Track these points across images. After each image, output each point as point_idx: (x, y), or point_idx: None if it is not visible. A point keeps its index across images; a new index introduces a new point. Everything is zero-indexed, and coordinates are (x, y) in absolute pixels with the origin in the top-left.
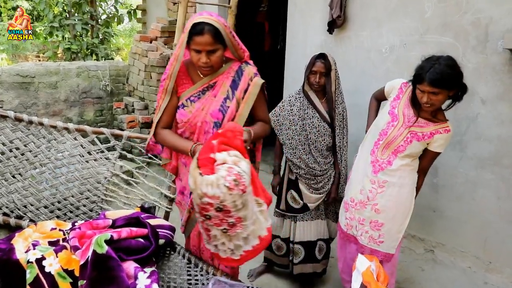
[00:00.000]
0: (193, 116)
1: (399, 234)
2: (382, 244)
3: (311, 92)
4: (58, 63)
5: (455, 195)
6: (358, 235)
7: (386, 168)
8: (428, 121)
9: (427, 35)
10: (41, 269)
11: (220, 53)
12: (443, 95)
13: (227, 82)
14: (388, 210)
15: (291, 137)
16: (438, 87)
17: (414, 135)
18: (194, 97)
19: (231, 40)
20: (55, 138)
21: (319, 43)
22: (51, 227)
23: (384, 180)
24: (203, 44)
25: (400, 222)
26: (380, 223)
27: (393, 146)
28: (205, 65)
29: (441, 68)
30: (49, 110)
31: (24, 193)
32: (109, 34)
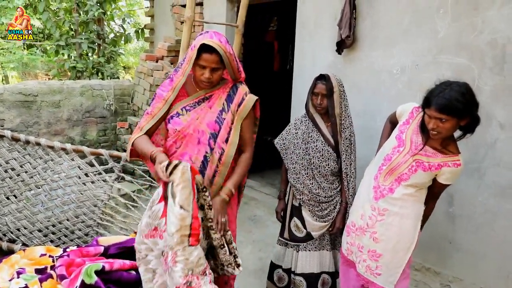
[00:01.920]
0: (187, 125)
1: (398, 269)
2: (379, 277)
3: (317, 115)
4: (62, 81)
5: (473, 225)
6: (357, 262)
7: (387, 195)
8: (437, 152)
9: (441, 56)
10: None
11: (221, 72)
12: (451, 124)
13: (223, 96)
14: (387, 240)
15: (295, 161)
16: (446, 113)
17: (420, 164)
18: (190, 107)
19: (231, 64)
20: (52, 159)
21: (328, 64)
22: (41, 253)
23: (384, 208)
24: (210, 61)
25: (401, 255)
26: (378, 253)
27: (396, 173)
28: (207, 80)
29: (451, 94)
30: (51, 129)
31: (18, 215)
32: (115, 53)
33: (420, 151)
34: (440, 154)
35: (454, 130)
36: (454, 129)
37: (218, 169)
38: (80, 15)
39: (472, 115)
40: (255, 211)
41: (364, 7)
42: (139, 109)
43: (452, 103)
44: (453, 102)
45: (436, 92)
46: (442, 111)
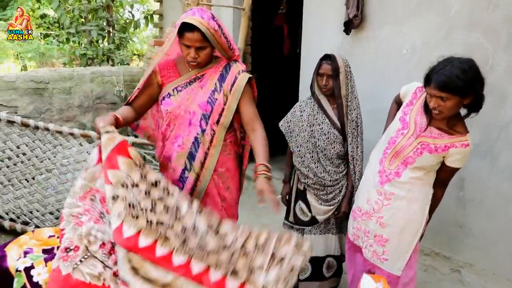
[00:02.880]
0: (177, 105)
1: (405, 254)
2: (386, 262)
3: (322, 97)
4: (72, 68)
5: (485, 210)
6: (363, 247)
7: (394, 179)
8: (443, 132)
9: (453, 34)
10: (29, 279)
11: (209, 50)
12: (452, 102)
13: (215, 76)
14: (394, 225)
15: (300, 144)
16: (446, 91)
17: (426, 147)
18: (181, 87)
19: (218, 42)
20: (60, 144)
21: (336, 45)
22: (49, 234)
23: (391, 192)
24: (192, 40)
25: (408, 241)
26: (384, 238)
27: (401, 156)
28: (193, 60)
29: (451, 71)
30: (63, 116)
31: (30, 199)
32: (125, 39)
33: (424, 132)
34: (446, 135)
35: (457, 109)
36: (457, 108)
37: (209, 152)
38: (90, 2)
39: (475, 92)
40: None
41: None
42: None
43: (452, 80)
44: (453, 79)
45: (437, 69)
46: (442, 89)
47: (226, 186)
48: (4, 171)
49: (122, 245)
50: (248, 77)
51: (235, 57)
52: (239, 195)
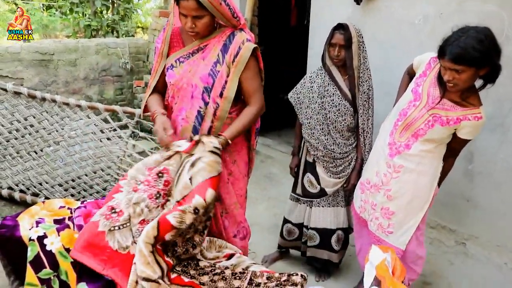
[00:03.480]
0: (179, 77)
1: (411, 228)
2: (390, 235)
3: (333, 68)
4: (77, 40)
5: (493, 183)
6: (369, 220)
7: (404, 152)
8: (455, 105)
9: (467, 3)
10: (42, 247)
11: (207, 19)
12: (467, 74)
13: (218, 46)
14: (401, 197)
15: (310, 116)
16: (460, 63)
17: (438, 119)
18: (183, 58)
19: (218, 10)
20: (68, 116)
21: (346, 16)
22: (60, 205)
23: (400, 164)
24: (187, 9)
25: (414, 214)
26: (391, 211)
27: (412, 128)
28: (190, 29)
29: (466, 42)
30: (69, 88)
31: (39, 170)
32: (130, 10)
33: (437, 104)
34: (459, 107)
35: (472, 81)
36: (472, 80)
37: (213, 125)
38: None
39: (492, 63)
40: (271, 169)
41: None
42: None
43: (468, 52)
44: (469, 50)
45: (451, 40)
46: (457, 61)
47: (233, 159)
48: (13, 142)
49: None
50: (253, 47)
51: (240, 26)
52: (247, 169)
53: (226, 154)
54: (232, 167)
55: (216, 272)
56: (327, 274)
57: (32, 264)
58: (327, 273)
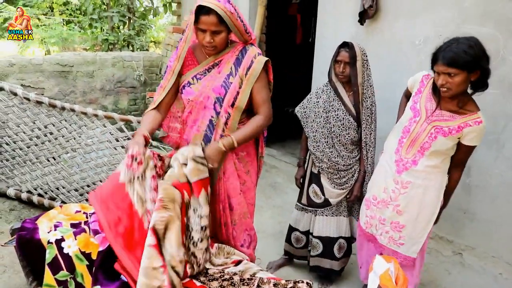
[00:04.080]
0: (199, 93)
1: (421, 239)
2: (402, 246)
3: (339, 84)
4: (95, 53)
5: (489, 196)
6: (378, 234)
7: (411, 168)
8: (454, 114)
9: (465, 25)
10: (60, 250)
11: (224, 35)
12: (460, 78)
13: (231, 60)
14: (410, 212)
15: (315, 129)
16: (453, 66)
17: (439, 130)
18: (200, 75)
19: (235, 25)
20: (85, 124)
21: (350, 35)
22: (76, 209)
23: (407, 181)
24: (208, 24)
25: (423, 226)
26: (401, 225)
27: (418, 144)
28: (209, 44)
29: (458, 47)
30: (86, 98)
31: (57, 176)
32: (145, 26)
33: (436, 116)
34: (458, 115)
35: (465, 85)
36: (464, 85)
37: (224, 134)
38: None
39: (482, 67)
40: (276, 178)
41: None
42: None
43: (459, 55)
44: (460, 54)
45: (444, 47)
46: (450, 64)
47: (246, 170)
48: (33, 149)
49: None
50: (265, 60)
51: (251, 41)
52: (257, 179)
53: (241, 164)
54: (245, 177)
55: (225, 278)
56: (329, 282)
57: (50, 266)
58: (329, 281)
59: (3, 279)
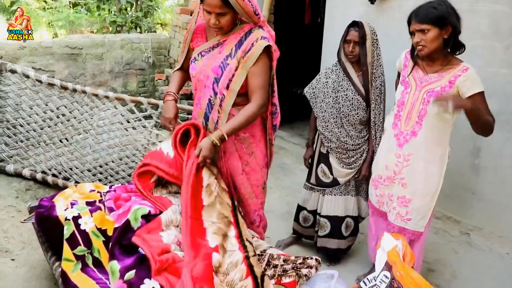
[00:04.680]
0: (200, 71)
1: (428, 212)
2: (409, 222)
3: (348, 64)
4: (104, 35)
5: (498, 177)
6: (388, 211)
7: (411, 139)
8: (440, 73)
9: (479, 3)
10: (77, 227)
11: (230, 16)
12: (432, 34)
13: (234, 41)
14: (415, 184)
15: (324, 110)
16: (425, 22)
17: (432, 93)
18: (205, 52)
19: (241, 6)
20: (97, 106)
21: (360, 14)
22: (90, 188)
23: (409, 152)
24: (212, 6)
25: (428, 199)
26: (407, 199)
27: (415, 113)
28: (214, 26)
29: (428, 5)
30: (95, 81)
31: (70, 156)
32: (152, 7)
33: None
34: (444, 73)
35: (438, 42)
36: (438, 41)
37: (220, 115)
38: None
39: (452, 24)
40: (284, 159)
41: None
42: (175, 61)
43: (429, 11)
44: (430, 10)
45: (417, 8)
46: (422, 21)
47: (250, 151)
48: (47, 130)
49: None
50: (265, 45)
51: (260, 23)
52: (266, 161)
53: (243, 145)
54: (248, 158)
55: None
56: (337, 260)
57: (68, 241)
58: (337, 260)
59: (23, 255)
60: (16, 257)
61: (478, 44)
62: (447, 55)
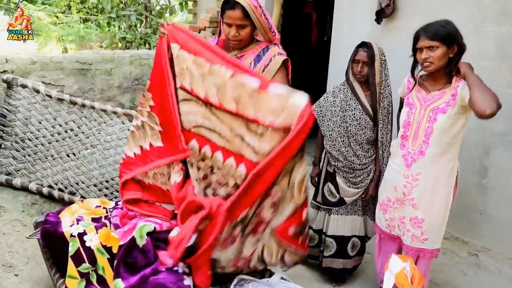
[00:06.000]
0: None
1: (442, 228)
2: (426, 242)
3: (356, 83)
4: (113, 51)
5: (507, 197)
6: (401, 234)
7: (419, 159)
8: (442, 90)
9: (484, 25)
10: (82, 243)
11: (249, 29)
12: (440, 51)
13: (252, 56)
14: (426, 203)
15: (331, 128)
16: (434, 39)
17: (437, 110)
18: None
19: (259, 21)
20: (105, 121)
21: (366, 34)
22: (96, 204)
23: (417, 172)
24: (233, 18)
25: (441, 215)
26: (420, 219)
27: (421, 132)
28: (234, 38)
29: (437, 23)
30: (104, 95)
31: (77, 171)
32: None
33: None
34: (446, 89)
35: (444, 60)
36: (444, 59)
37: None
38: None
39: (458, 43)
40: None
41: None
42: None
43: (439, 29)
44: (440, 28)
45: (424, 26)
46: (431, 37)
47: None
48: (54, 145)
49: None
50: (283, 60)
51: (275, 41)
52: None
53: None
54: None
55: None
56: (343, 280)
57: (73, 258)
58: (342, 280)
59: (26, 270)
60: (20, 272)
61: (485, 65)
62: (449, 75)
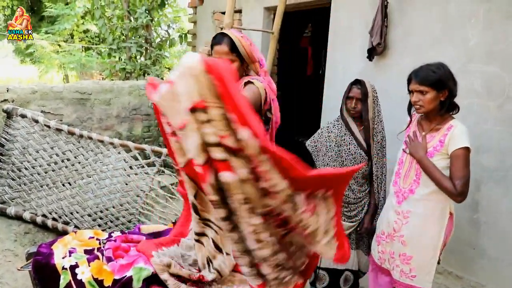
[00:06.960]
0: None
1: (432, 267)
2: (415, 279)
3: (350, 119)
4: (113, 82)
5: (498, 233)
6: (391, 269)
7: (409, 197)
8: (431, 133)
9: (471, 64)
10: (74, 276)
11: (237, 64)
12: (430, 96)
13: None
14: (415, 241)
15: (327, 163)
16: (424, 84)
17: (428, 153)
18: None
19: (247, 53)
20: (101, 152)
21: (358, 71)
22: (89, 235)
23: (407, 210)
24: (220, 53)
25: (431, 255)
26: (408, 256)
27: (412, 171)
28: None
29: (428, 68)
30: (102, 125)
31: (72, 201)
32: (161, 56)
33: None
34: (435, 133)
35: (435, 103)
36: (435, 103)
37: None
38: (131, 22)
39: (449, 88)
40: None
41: (396, 16)
42: None
43: (429, 74)
44: (430, 73)
45: (417, 69)
46: (421, 82)
47: None
48: (50, 174)
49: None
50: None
51: (260, 72)
52: None
53: None
54: None
55: None
56: None
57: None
58: None
59: None
60: None
61: (473, 102)
62: (443, 115)
